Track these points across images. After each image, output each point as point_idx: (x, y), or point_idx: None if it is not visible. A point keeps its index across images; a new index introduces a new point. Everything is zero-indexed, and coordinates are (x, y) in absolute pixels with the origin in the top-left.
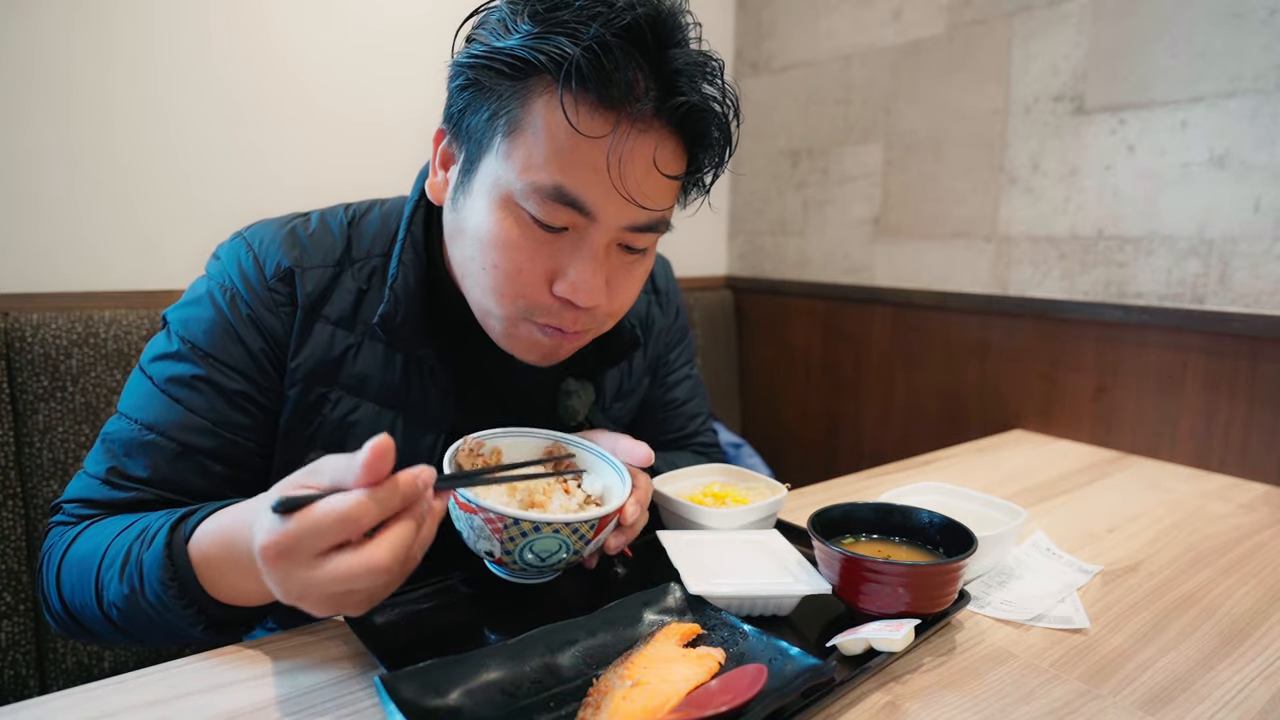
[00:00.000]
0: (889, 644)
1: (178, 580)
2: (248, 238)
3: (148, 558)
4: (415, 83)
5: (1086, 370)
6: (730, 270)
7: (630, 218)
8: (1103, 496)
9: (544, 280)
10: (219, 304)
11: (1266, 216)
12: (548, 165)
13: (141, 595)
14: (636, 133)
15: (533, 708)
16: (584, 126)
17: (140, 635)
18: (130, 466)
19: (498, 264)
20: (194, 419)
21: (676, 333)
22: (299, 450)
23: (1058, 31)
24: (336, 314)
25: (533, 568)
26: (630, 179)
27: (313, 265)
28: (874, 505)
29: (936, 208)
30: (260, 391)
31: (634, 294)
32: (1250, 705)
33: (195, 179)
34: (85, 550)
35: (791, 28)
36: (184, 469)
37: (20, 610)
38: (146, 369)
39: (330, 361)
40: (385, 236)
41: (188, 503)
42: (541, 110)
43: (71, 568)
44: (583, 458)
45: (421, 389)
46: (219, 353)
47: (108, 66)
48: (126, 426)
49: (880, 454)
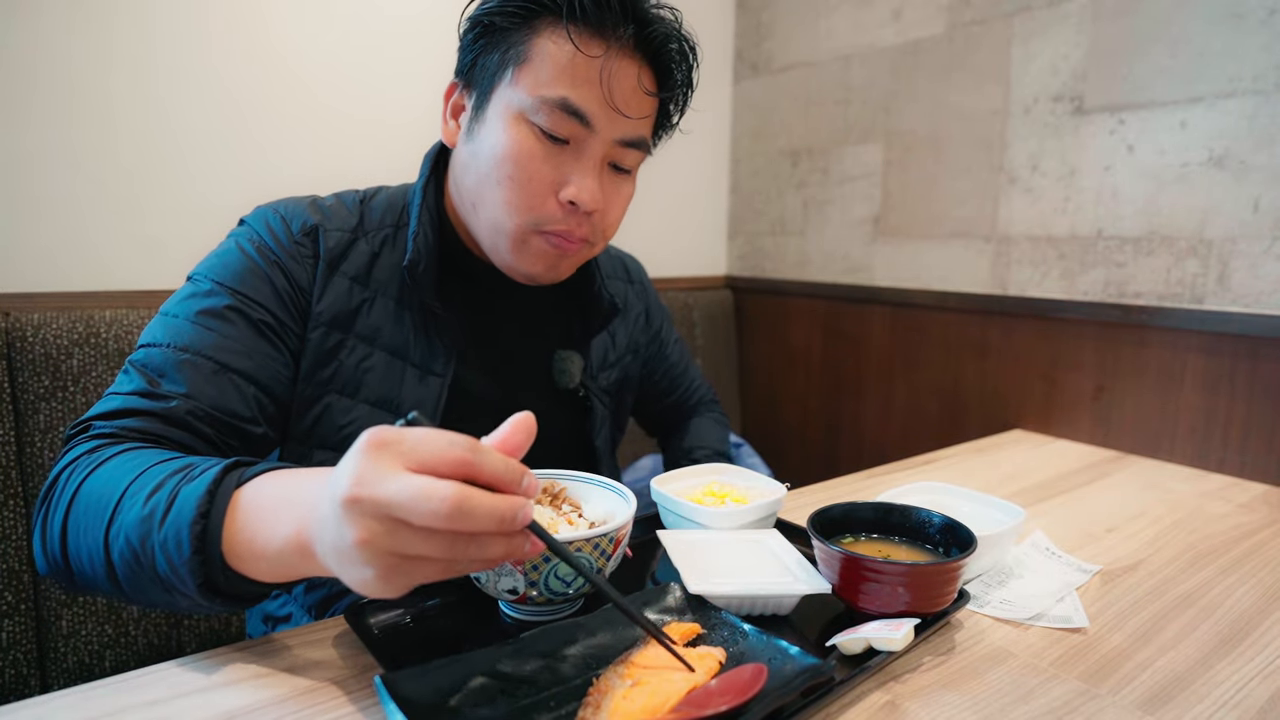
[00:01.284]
0: (888, 643)
1: (206, 519)
2: (273, 206)
3: (187, 490)
4: (416, 80)
5: (1086, 370)
6: (730, 270)
7: (621, 130)
8: (1102, 496)
9: (550, 188)
10: (246, 250)
11: (1265, 216)
12: (555, 82)
13: (161, 521)
14: (623, 56)
15: (533, 708)
16: (584, 48)
17: (128, 579)
18: (169, 384)
19: (512, 175)
20: (228, 342)
21: (657, 315)
22: (315, 393)
23: (1057, 32)
24: (353, 271)
25: (557, 596)
26: (619, 94)
27: (333, 228)
28: (874, 505)
29: (936, 208)
30: (283, 327)
31: (620, 213)
32: (1249, 704)
33: (197, 179)
34: (117, 472)
35: (791, 28)
36: (224, 386)
37: (21, 610)
38: (171, 311)
39: (348, 312)
40: (394, 211)
41: (224, 425)
42: (548, 43)
43: (96, 486)
44: (575, 489)
45: (428, 343)
46: (247, 289)
47: (109, 67)
48: (157, 352)
49: (880, 454)
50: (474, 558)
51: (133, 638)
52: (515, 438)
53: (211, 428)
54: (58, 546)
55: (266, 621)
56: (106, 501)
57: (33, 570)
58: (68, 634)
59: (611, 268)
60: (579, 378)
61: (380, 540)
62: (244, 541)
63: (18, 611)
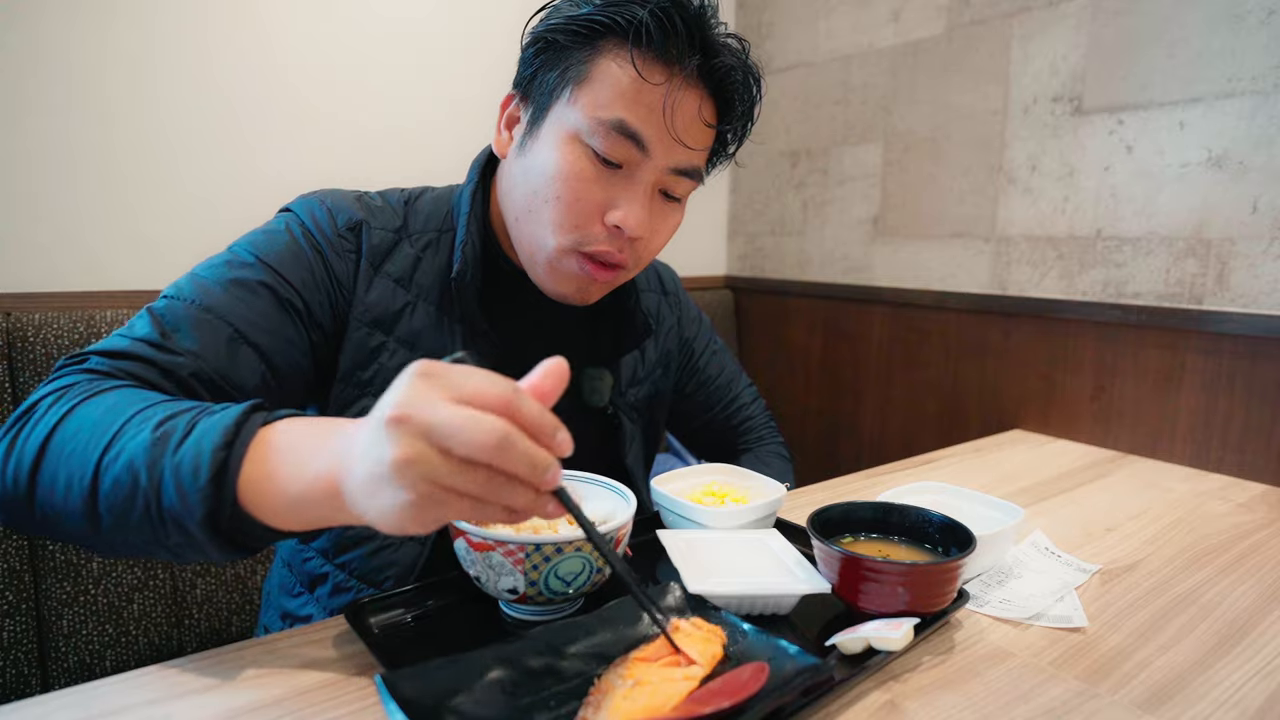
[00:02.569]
0: (888, 643)
1: (229, 450)
2: (319, 195)
3: (208, 420)
4: (414, 86)
5: (1085, 370)
6: (730, 270)
7: (676, 159)
8: (1101, 496)
9: (598, 210)
10: (294, 233)
11: (1264, 217)
12: (613, 104)
13: (172, 452)
14: (686, 85)
15: (533, 707)
16: (646, 75)
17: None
18: (181, 339)
19: (560, 194)
20: (252, 314)
21: (690, 325)
22: (353, 394)
23: (1056, 32)
24: (397, 272)
25: (558, 596)
26: (679, 123)
27: (377, 226)
28: (873, 505)
29: (935, 208)
30: (310, 316)
31: (664, 240)
32: (1248, 704)
33: (196, 179)
34: (121, 401)
35: (791, 29)
36: (236, 355)
37: (23, 609)
38: (202, 273)
39: (391, 313)
40: (439, 215)
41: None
42: (610, 64)
43: (89, 413)
44: (575, 489)
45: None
46: (284, 269)
47: (108, 67)
48: (179, 305)
49: (880, 454)
50: (504, 502)
51: (133, 637)
52: (546, 383)
53: (211, 393)
54: (27, 468)
55: (285, 618)
56: (106, 426)
57: (33, 570)
58: (68, 633)
59: (646, 280)
60: (609, 396)
61: (420, 463)
62: (263, 478)
63: (19, 611)
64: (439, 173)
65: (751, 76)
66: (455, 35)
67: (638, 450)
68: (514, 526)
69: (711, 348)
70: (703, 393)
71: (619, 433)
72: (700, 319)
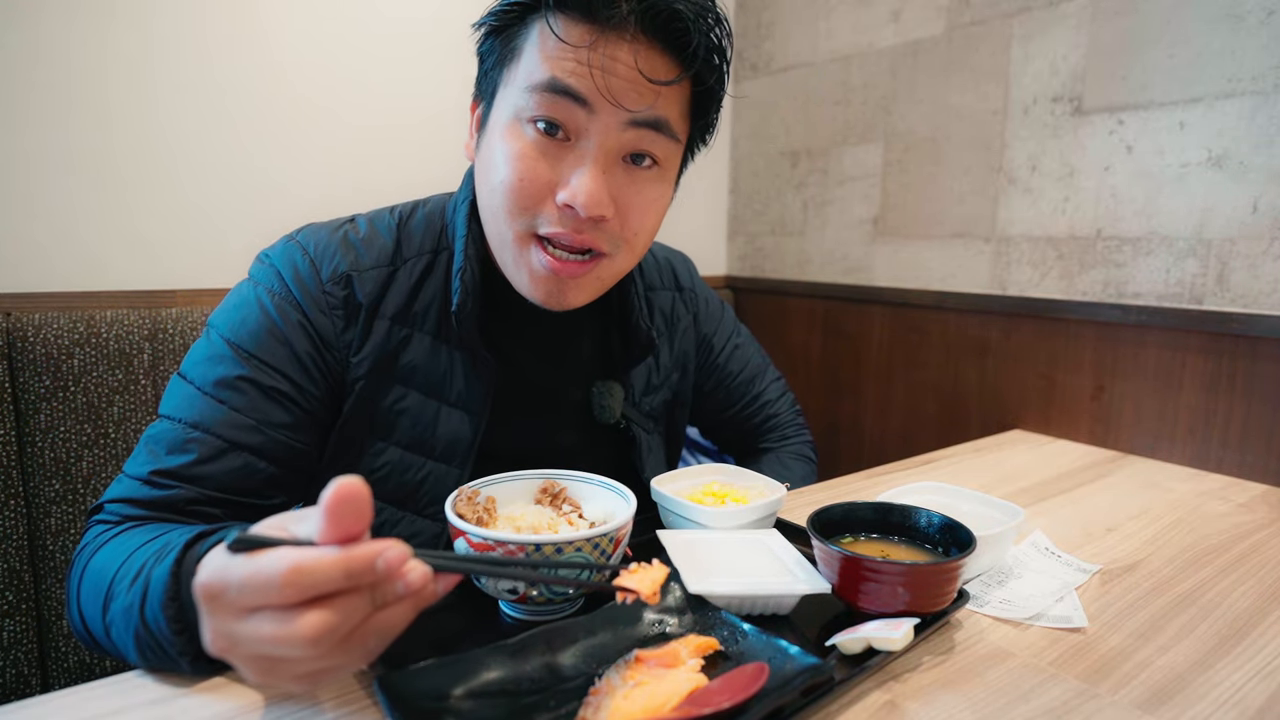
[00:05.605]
0: (888, 643)
1: (177, 601)
2: (301, 241)
3: (156, 573)
4: (413, 85)
5: (1085, 370)
6: (730, 270)
7: (620, 118)
8: (1101, 496)
9: (548, 189)
10: (267, 308)
11: (1264, 217)
12: (541, 67)
13: (141, 611)
14: (617, 39)
15: (533, 707)
16: (568, 36)
17: (141, 660)
18: (173, 464)
19: (505, 178)
20: (239, 417)
21: (709, 320)
22: (353, 436)
23: (1056, 32)
24: (392, 310)
25: (558, 596)
26: (614, 83)
27: (368, 267)
28: (873, 505)
29: (936, 208)
30: (300, 392)
31: (648, 218)
32: (1248, 704)
33: (195, 180)
34: (108, 557)
35: (791, 29)
36: (230, 465)
37: (22, 609)
38: (188, 375)
39: (388, 355)
40: (433, 234)
41: (231, 504)
42: (535, 36)
43: (94, 571)
44: (575, 489)
45: (465, 381)
46: (262, 353)
47: (107, 68)
48: (170, 427)
49: (880, 454)
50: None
51: None
52: (341, 526)
53: (219, 507)
54: (78, 615)
55: None
56: (101, 589)
57: (33, 570)
58: (68, 634)
59: (659, 276)
60: (619, 410)
61: (236, 654)
62: None
63: (19, 611)
64: (439, 173)
65: (706, 11)
66: (455, 35)
67: (657, 460)
68: (514, 526)
69: (734, 341)
70: (722, 390)
71: (634, 446)
72: (722, 312)
